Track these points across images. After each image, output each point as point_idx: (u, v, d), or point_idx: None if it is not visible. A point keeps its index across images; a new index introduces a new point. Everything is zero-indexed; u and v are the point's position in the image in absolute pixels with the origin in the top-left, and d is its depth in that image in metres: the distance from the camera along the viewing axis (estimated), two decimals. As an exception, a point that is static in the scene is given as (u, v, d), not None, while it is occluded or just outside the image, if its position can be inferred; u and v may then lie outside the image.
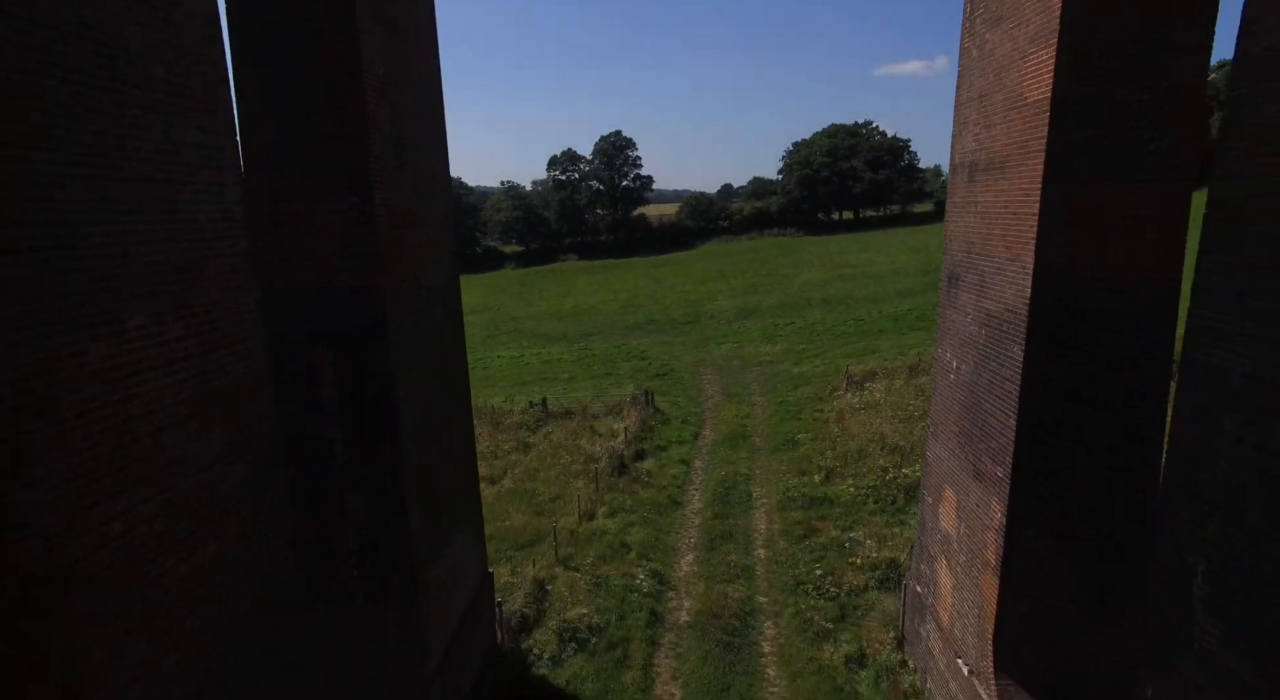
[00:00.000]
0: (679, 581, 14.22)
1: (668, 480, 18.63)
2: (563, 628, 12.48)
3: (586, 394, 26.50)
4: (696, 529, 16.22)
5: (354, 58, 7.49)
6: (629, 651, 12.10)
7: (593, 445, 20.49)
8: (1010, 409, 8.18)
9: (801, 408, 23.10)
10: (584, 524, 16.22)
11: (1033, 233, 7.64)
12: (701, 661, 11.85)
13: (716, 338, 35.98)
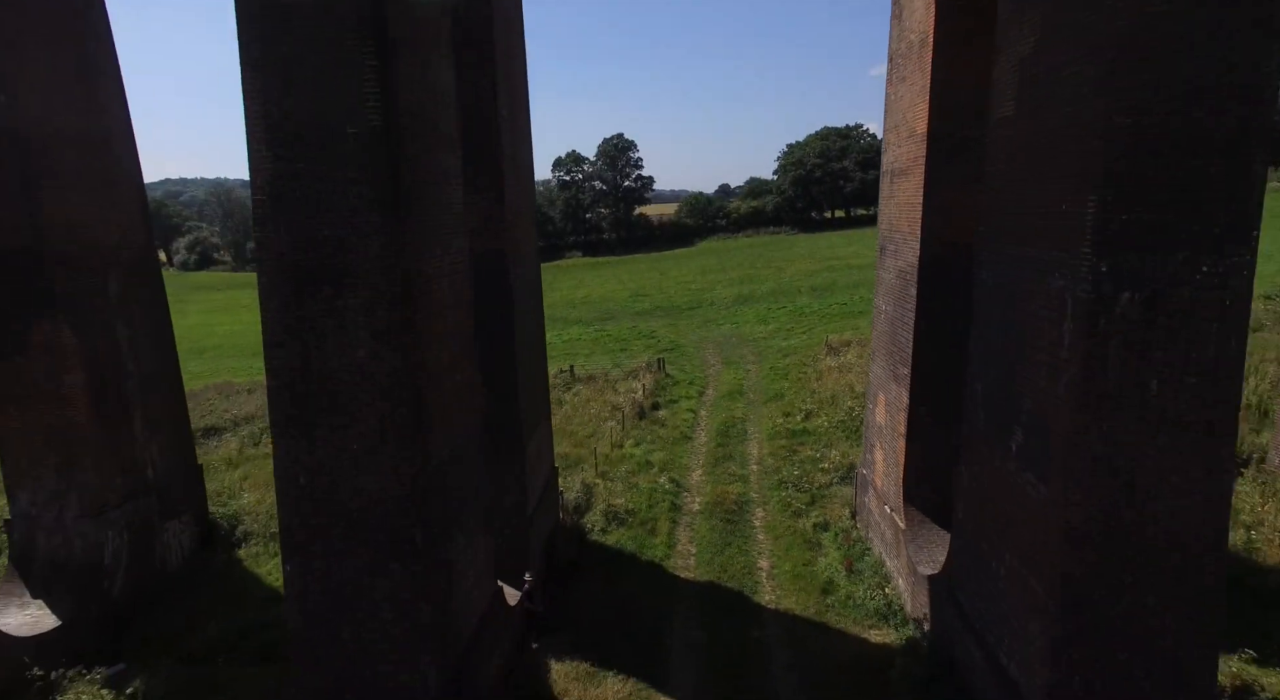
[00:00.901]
0: (691, 486, 18.74)
1: (679, 422, 23.17)
2: (607, 511, 16.99)
3: (606, 364, 30.97)
4: (704, 454, 20.75)
5: (492, 113, 11.99)
6: (656, 527, 16.60)
7: (617, 398, 25.02)
8: (910, 329, 12.73)
9: (788, 370, 27.64)
10: (615, 450, 20.74)
11: (919, 215, 12.18)
12: (709, 531, 16.36)
13: (716, 320, 40.50)
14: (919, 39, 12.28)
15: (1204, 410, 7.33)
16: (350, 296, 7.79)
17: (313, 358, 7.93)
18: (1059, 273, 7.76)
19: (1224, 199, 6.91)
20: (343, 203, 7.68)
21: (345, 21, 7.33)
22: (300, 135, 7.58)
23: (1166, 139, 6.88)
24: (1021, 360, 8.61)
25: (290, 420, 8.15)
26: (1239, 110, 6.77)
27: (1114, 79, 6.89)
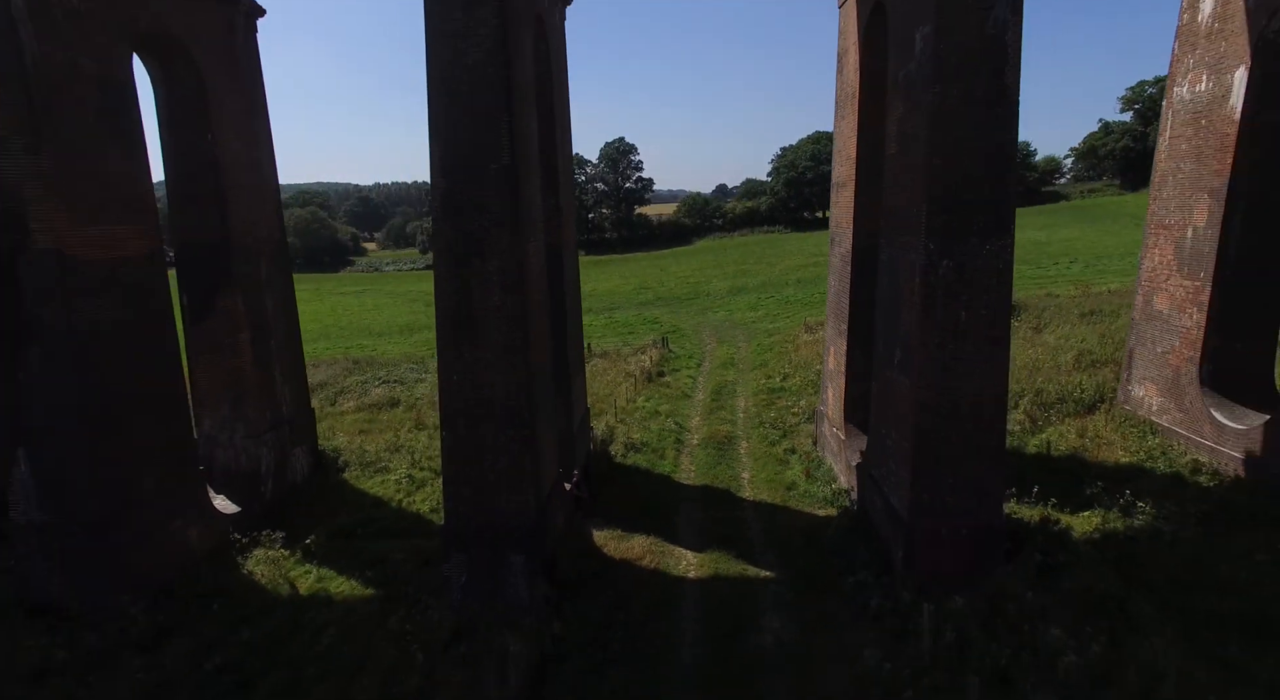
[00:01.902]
0: (691, 427, 23.96)
1: (681, 385, 28.41)
2: (626, 443, 22.20)
3: (617, 343, 36.18)
4: (701, 406, 25.98)
5: (552, 148, 17.18)
6: (665, 453, 21.81)
7: (628, 367, 30.25)
8: (848, 297, 17.96)
9: (772, 346, 32.88)
10: (630, 404, 25.96)
11: (852, 216, 17.41)
12: (705, 456, 21.56)
13: (712, 308, 45.75)
14: (851, 92, 17.53)
15: (990, 330, 12.56)
16: (489, 265, 12.94)
17: (464, 302, 13.08)
18: (913, 251, 12.98)
19: (993, 208, 12.14)
20: (485, 209, 12.85)
21: (492, 98, 12.50)
22: (461, 167, 12.74)
23: (960, 174, 12.10)
24: (899, 306, 13.84)
25: (450, 340, 13.30)
26: (1001, 157, 12.01)
27: (933, 139, 12.12)
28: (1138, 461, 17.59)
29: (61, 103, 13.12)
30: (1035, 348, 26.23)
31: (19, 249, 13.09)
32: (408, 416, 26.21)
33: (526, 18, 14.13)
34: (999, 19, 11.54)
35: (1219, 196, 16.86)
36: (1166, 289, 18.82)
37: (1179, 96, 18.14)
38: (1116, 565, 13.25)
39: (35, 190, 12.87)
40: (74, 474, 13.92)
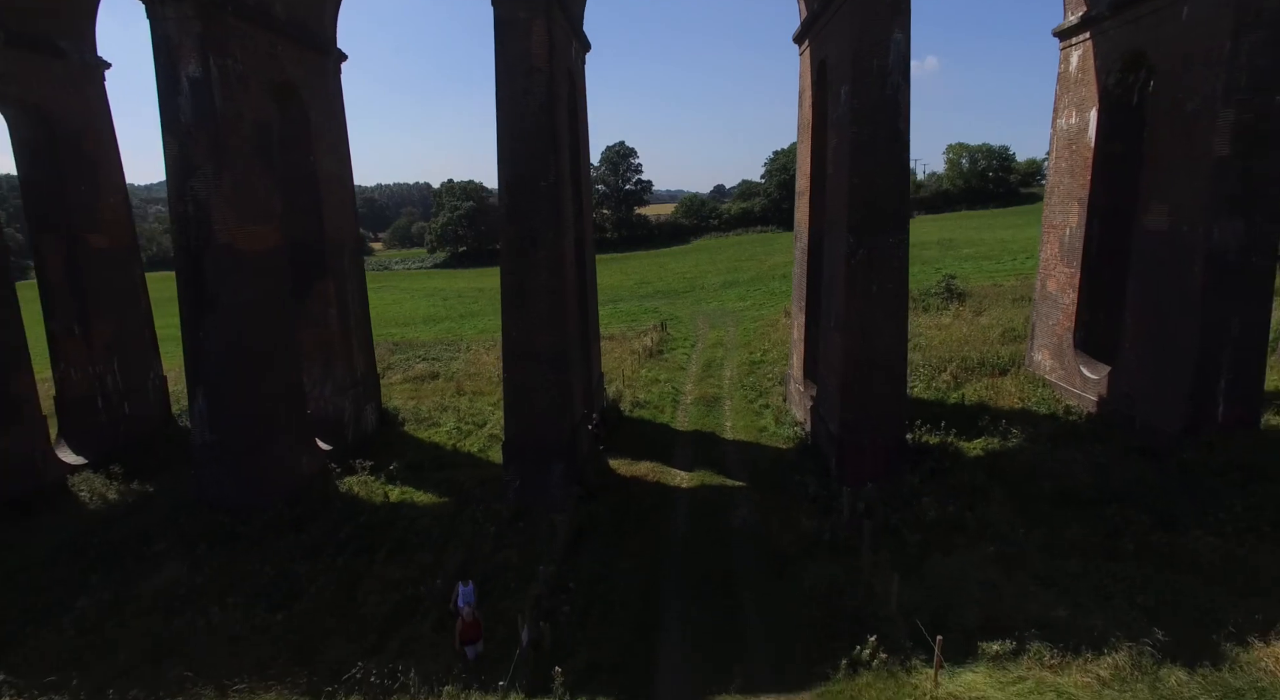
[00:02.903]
0: (686, 390, 29.23)
1: (678, 359, 33.70)
2: (633, 401, 27.47)
3: (622, 329, 41.42)
4: (694, 375, 31.26)
5: (576, 164, 22.44)
6: (664, 408, 27.07)
7: (633, 346, 35.53)
8: (805, 281, 23.26)
9: (756, 330, 38.17)
10: (635, 373, 31.24)
11: (808, 217, 22.71)
12: (696, 410, 26.82)
13: (706, 300, 51.03)
14: (806, 122, 22.83)
15: (893, 300, 17.82)
16: (539, 254, 18.17)
17: (522, 280, 18.29)
18: (841, 243, 18.25)
19: (894, 213, 17.42)
20: (537, 215, 18.08)
21: (542, 140, 17.73)
22: (520, 184, 17.97)
23: (870, 189, 17.39)
24: (834, 284, 19.12)
25: (511, 307, 18.51)
26: (898, 178, 17.29)
27: (852, 164, 17.40)
28: (1027, 406, 22.90)
29: (233, 142, 18.34)
30: (972, 326, 31.57)
31: (205, 245, 18.31)
32: (448, 386, 31.45)
33: (562, 76, 19.40)
34: (893, 84, 16.82)
35: (1084, 204, 22.17)
36: (1054, 275, 24.15)
37: (1059, 126, 23.46)
38: (987, 469, 18.55)
39: (218, 203, 18.09)
40: (234, 408, 19.14)
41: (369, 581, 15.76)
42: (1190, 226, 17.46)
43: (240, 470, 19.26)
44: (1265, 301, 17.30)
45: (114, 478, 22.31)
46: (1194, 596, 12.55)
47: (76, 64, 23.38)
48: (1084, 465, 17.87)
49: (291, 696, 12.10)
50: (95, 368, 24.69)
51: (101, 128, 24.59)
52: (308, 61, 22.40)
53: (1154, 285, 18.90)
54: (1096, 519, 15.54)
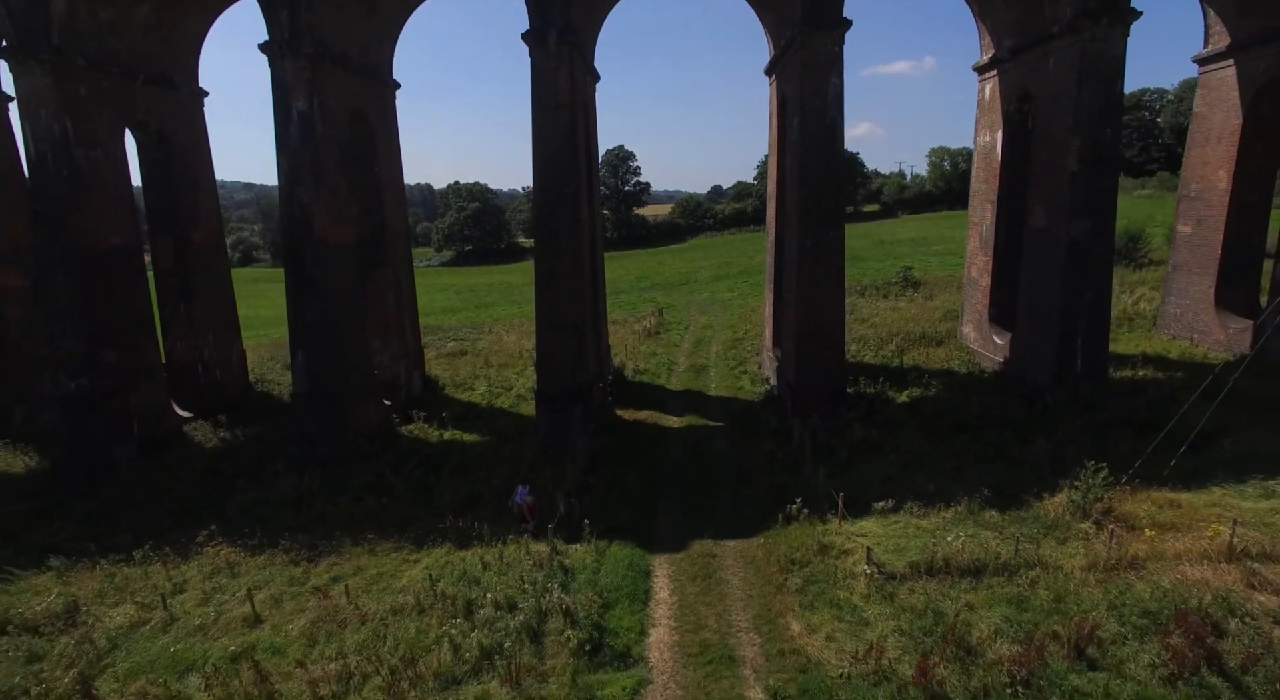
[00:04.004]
0: (679, 361, 34.84)
1: (673, 339, 39.31)
2: (635, 369, 33.09)
3: (624, 315, 46.99)
4: (686, 350, 36.88)
5: (589, 172, 28.03)
6: (660, 374, 32.68)
7: (634, 328, 41.12)
8: (773, 268, 28.87)
9: (741, 314, 43.78)
10: (636, 349, 36.83)
11: (774, 218, 28.33)
12: (687, 376, 32.43)
13: (699, 291, 56.64)
14: (774, 141, 28.41)
15: (835, 283, 23.41)
16: (563, 244, 23.71)
17: (550, 265, 23.83)
18: (795, 236, 23.84)
19: (833, 213, 23.02)
20: (561, 215, 23.62)
21: (566, 157, 23.28)
22: (549, 192, 23.50)
23: (815, 197, 22.97)
24: (791, 269, 24.70)
25: (543, 286, 24.04)
26: (836, 188, 22.89)
27: (801, 177, 23.00)
28: (951, 368, 28.52)
29: (326, 159, 23.87)
30: (921, 308, 37.23)
31: (305, 239, 23.81)
32: (478, 360, 37.02)
33: (579, 106, 24.97)
34: (830, 118, 22.39)
35: (995, 206, 27.78)
36: (975, 263, 29.77)
37: (978, 142, 29.09)
38: (908, 409, 24.17)
39: (316, 207, 23.61)
40: (324, 365, 24.65)
41: (440, 488, 21.34)
42: (1057, 224, 23.08)
43: (328, 414, 24.80)
44: (1107, 282, 22.90)
45: (218, 426, 27.85)
46: (1023, 478, 18.16)
47: (186, 94, 28.91)
48: (978, 405, 23.49)
49: (403, 544, 17.68)
50: (195, 341, 30.22)
51: (201, 144, 30.14)
52: (373, 93, 27.95)
53: (1036, 270, 24.52)
54: (977, 438, 21.16)
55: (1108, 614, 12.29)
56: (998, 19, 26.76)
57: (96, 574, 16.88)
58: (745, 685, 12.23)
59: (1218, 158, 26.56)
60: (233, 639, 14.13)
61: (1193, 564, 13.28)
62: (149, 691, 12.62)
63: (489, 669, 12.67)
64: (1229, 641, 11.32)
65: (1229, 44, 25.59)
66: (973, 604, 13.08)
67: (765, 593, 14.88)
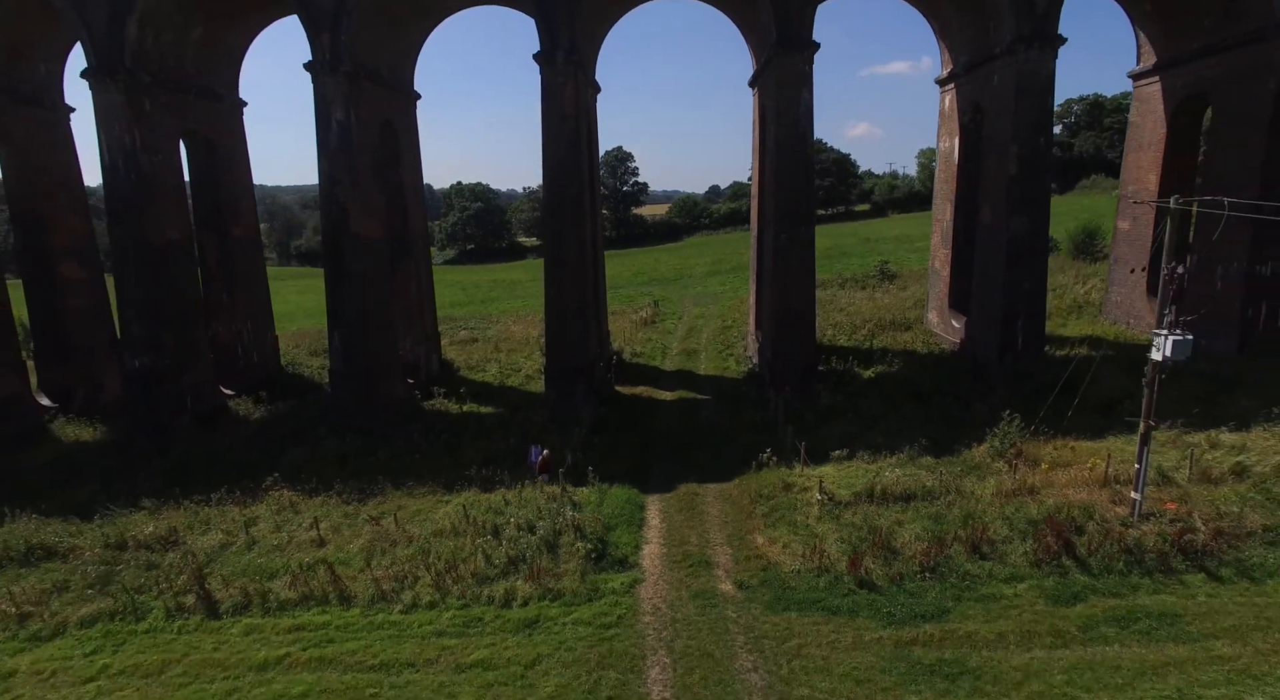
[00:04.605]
0: (672, 346, 38.21)
1: (667, 327, 42.71)
2: (632, 352, 36.47)
3: (623, 306, 50.34)
4: (679, 336, 40.26)
5: (590, 174, 31.40)
6: (655, 357, 36.06)
7: (632, 317, 44.49)
8: (755, 261, 32.24)
9: (731, 306, 47.16)
10: (633, 336, 40.20)
11: (757, 214, 31.70)
12: (679, 359, 35.81)
13: (693, 285, 60.02)
14: (756, 147, 31.76)
15: (805, 271, 26.79)
16: (568, 237, 27.02)
17: (558, 255, 27.14)
18: (771, 231, 27.20)
19: (805, 212, 26.39)
20: (567, 212, 26.94)
21: (572, 161, 26.62)
22: (557, 193, 26.82)
23: (789, 197, 26.34)
24: (769, 260, 28.07)
25: (553, 274, 27.31)
26: (808, 188, 26.26)
27: (777, 179, 26.37)
28: (914, 349, 31.89)
29: (360, 163, 27.19)
30: (894, 298, 40.66)
31: (342, 234, 27.11)
32: (488, 346, 40.36)
33: (583, 117, 28.32)
34: (802, 127, 25.73)
35: (953, 204, 31.17)
36: (938, 256, 33.16)
37: (940, 147, 32.47)
38: (871, 382, 27.54)
39: (352, 204, 26.92)
40: (357, 346, 27.95)
41: (464, 447, 24.68)
42: (1000, 221, 26.44)
43: (361, 388, 28.13)
44: (1043, 271, 26.27)
45: (258, 402, 31.19)
46: (960, 433, 21.52)
47: (228, 105, 32.24)
48: (932, 378, 26.90)
49: (436, 489, 21.00)
50: (235, 326, 33.55)
51: (240, 149, 33.47)
52: (399, 104, 31.29)
53: (985, 261, 27.89)
54: (927, 404, 24.54)
55: (1001, 523, 15.66)
56: (954, 38, 30.16)
57: (182, 512, 20.18)
58: (718, 580, 15.58)
59: (1148, 162, 29.95)
60: (305, 554, 17.46)
61: (1074, 488, 16.67)
62: (247, 587, 15.97)
63: (515, 571, 16.02)
64: (1084, 537, 14.68)
65: (1155, 63, 28.99)
66: (900, 520, 16.46)
67: (737, 519, 18.25)
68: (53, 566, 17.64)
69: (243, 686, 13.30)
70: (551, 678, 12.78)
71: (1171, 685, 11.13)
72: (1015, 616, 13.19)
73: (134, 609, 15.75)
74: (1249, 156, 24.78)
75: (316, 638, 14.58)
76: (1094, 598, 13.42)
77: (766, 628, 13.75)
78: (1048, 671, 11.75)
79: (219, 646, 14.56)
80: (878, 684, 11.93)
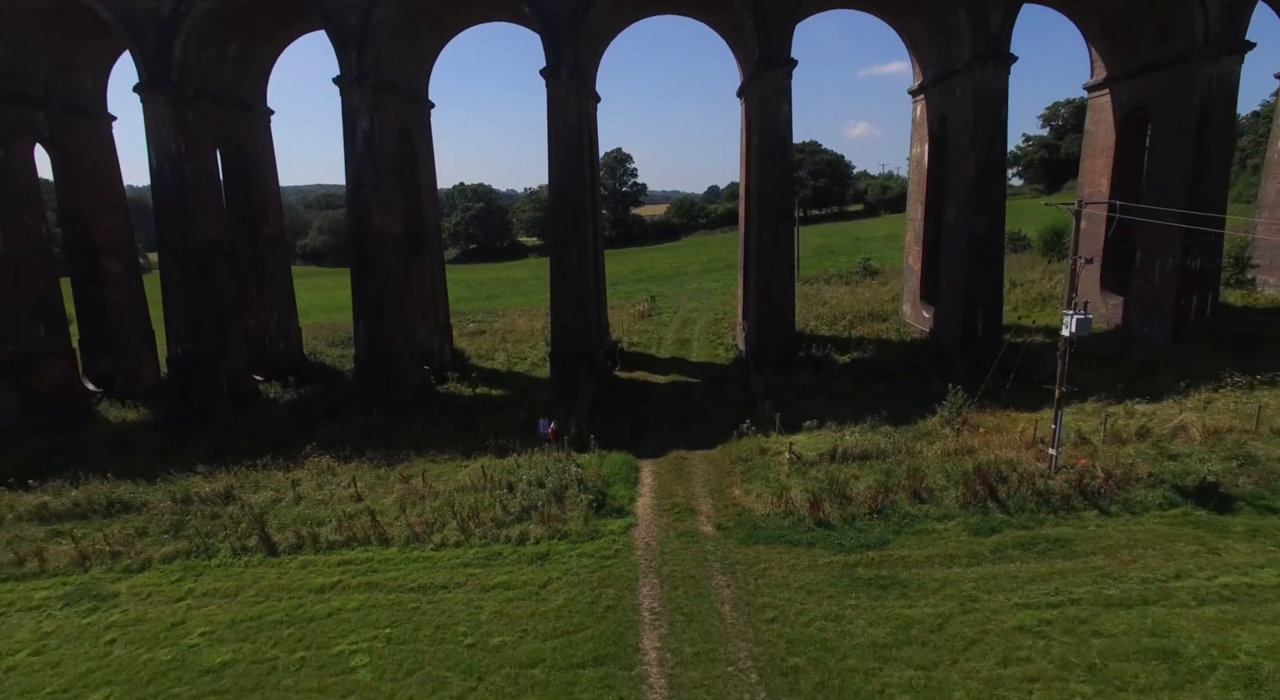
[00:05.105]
0: (667, 336, 41.06)
1: (663, 320, 45.57)
2: (630, 342, 39.33)
3: (621, 301, 53.20)
4: (674, 329, 43.12)
5: (591, 178, 34.26)
6: (651, 346, 38.89)
7: (630, 311, 47.35)
8: (743, 257, 35.09)
9: (723, 301, 50.01)
10: (631, 327, 43.05)
11: (744, 215, 34.56)
12: (673, 347, 38.65)
13: (689, 282, 62.89)
14: (743, 152, 34.59)
15: (785, 265, 29.64)
16: (572, 239, 29.82)
17: (563, 254, 29.96)
18: (755, 229, 30.03)
19: (786, 211, 29.24)
20: (570, 216, 29.77)
21: (576, 168, 29.45)
22: (562, 196, 29.64)
23: (771, 199, 29.19)
24: (754, 256, 30.91)
25: (558, 270, 30.13)
26: (788, 190, 29.13)
27: (761, 180, 29.21)
28: (888, 338, 34.75)
29: (383, 166, 30.01)
30: (875, 292, 43.55)
31: (367, 230, 29.94)
32: (495, 338, 43.21)
33: (585, 126, 31.16)
34: (782, 136, 28.56)
35: (924, 205, 34.02)
36: (912, 253, 36.01)
37: (912, 152, 35.31)
38: (846, 365, 30.39)
39: (374, 204, 29.74)
40: (379, 334, 30.75)
41: (478, 422, 27.55)
42: (962, 221, 29.29)
43: (382, 373, 30.95)
44: (999, 267, 29.13)
45: (286, 386, 34.02)
46: (918, 408, 24.35)
47: (258, 113, 35.08)
48: (900, 362, 29.77)
49: (456, 456, 23.83)
50: (264, 318, 36.39)
51: (268, 154, 36.30)
52: (416, 112, 34.14)
53: (950, 258, 30.74)
54: (893, 384, 27.41)
55: (940, 475, 18.51)
56: (924, 53, 33.02)
57: (232, 476, 22.99)
58: (700, 524, 18.43)
59: (1101, 167, 32.81)
60: (346, 506, 20.29)
61: (1005, 448, 19.52)
62: (300, 531, 18.82)
63: (527, 518, 18.86)
64: (1006, 485, 17.54)
65: (1105, 76, 31.86)
66: (856, 475, 19.30)
67: (718, 477, 21.12)
68: (130, 517, 20.48)
69: (305, 603, 16.14)
70: (560, 593, 15.63)
71: (1052, 587, 13.97)
72: (941, 545, 16.04)
73: (205, 549, 18.59)
74: (1181, 165, 27.64)
75: (362, 568, 17.42)
76: (1007, 530, 16.27)
77: (738, 557, 16.59)
78: (961, 581, 14.60)
79: (281, 576, 17.40)
80: (825, 593, 14.77)
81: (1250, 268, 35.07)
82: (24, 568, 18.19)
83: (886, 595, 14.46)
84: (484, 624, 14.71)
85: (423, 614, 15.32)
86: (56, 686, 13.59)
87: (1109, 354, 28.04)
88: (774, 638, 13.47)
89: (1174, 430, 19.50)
